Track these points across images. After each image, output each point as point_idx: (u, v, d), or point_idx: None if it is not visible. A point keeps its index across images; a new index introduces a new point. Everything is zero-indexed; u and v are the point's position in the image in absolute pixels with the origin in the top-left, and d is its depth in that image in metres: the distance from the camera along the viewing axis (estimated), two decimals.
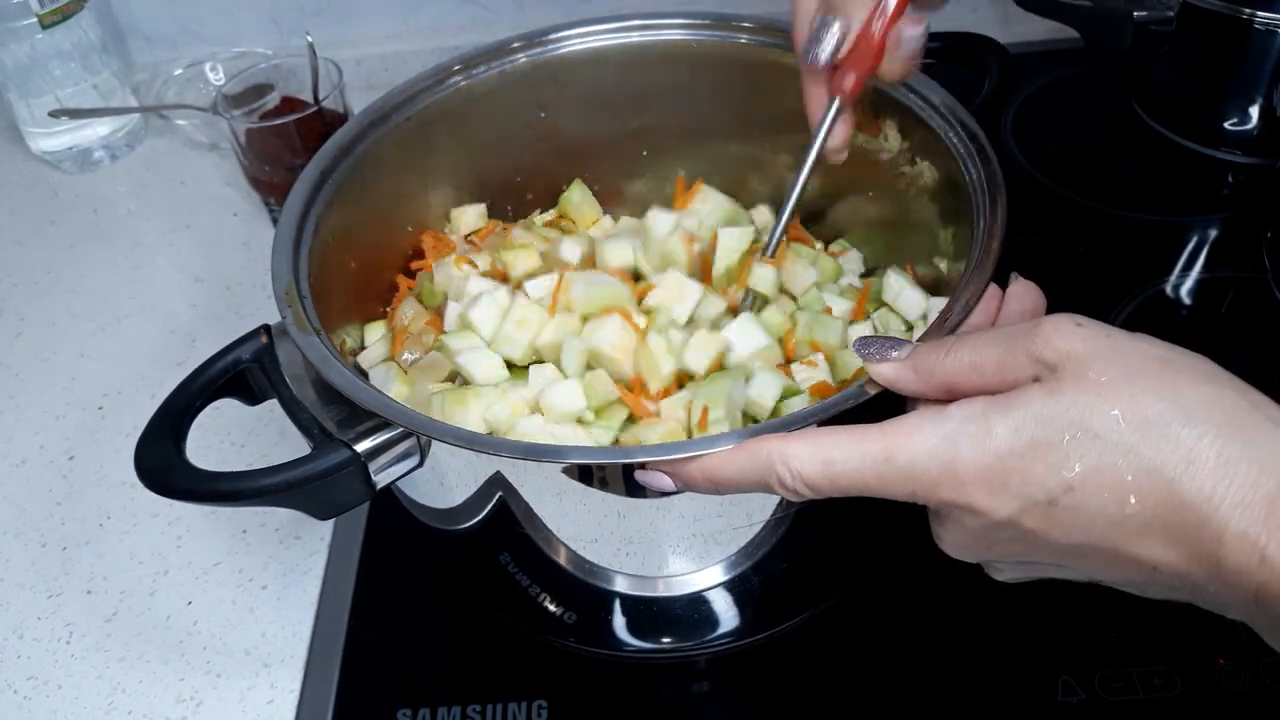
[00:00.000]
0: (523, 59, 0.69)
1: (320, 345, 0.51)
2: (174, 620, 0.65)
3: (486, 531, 0.55)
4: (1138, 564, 0.36)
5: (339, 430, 0.48)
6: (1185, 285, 0.80)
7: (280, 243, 0.56)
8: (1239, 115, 0.87)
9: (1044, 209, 0.87)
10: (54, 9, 0.92)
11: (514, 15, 1.08)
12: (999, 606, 0.59)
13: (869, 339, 0.43)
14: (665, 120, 0.73)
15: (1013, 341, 0.38)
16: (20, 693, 0.62)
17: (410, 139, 0.67)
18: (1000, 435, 0.37)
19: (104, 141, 1.02)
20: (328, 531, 0.69)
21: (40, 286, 0.91)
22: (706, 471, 0.43)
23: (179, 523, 0.71)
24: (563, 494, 0.49)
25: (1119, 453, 0.35)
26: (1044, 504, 0.36)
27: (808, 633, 0.61)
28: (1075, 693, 0.56)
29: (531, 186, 0.75)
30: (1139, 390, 0.35)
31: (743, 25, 0.68)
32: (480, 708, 0.59)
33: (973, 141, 0.57)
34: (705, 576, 0.55)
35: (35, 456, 0.76)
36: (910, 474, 0.38)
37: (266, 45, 1.06)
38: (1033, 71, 1.01)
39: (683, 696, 0.60)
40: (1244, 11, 0.81)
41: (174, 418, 0.51)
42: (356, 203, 0.63)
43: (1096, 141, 0.97)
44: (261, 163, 0.86)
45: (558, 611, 0.60)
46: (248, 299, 0.87)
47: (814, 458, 0.40)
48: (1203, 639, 0.57)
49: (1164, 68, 0.92)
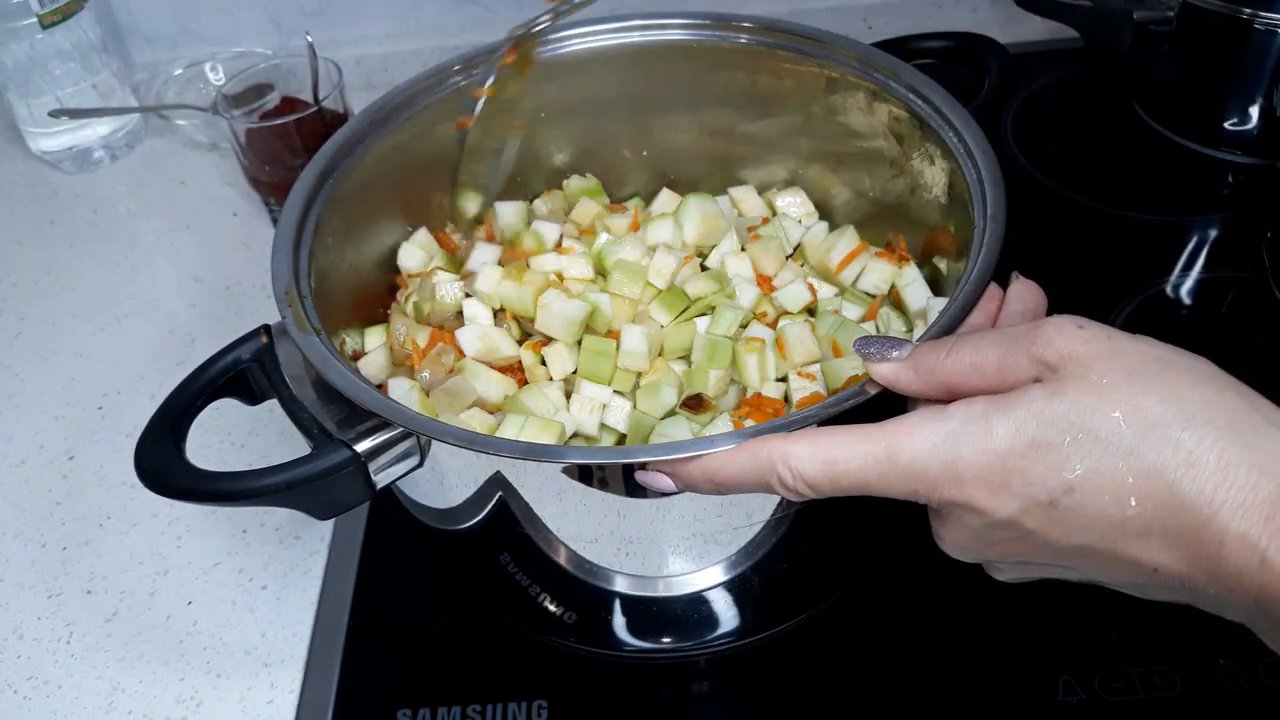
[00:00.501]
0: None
1: (320, 345, 0.51)
2: (174, 620, 0.65)
3: (487, 531, 0.55)
4: (1137, 566, 0.36)
5: (339, 430, 0.48)
6: (1185, 285, 0.80)
7: (280, 243, 0.56)
8: (1239, 115, 0.87)
9: (1044, 209, 0.87)
10: (54, 9, 0.92)
11: (514, 15, 1.07)
12: (999, 606, 0.59)
13: (869, 339, 0.43)
14: (666, 119, 0.73)
15: (1014, 342, 0.38)
16: (20, 693, 0.62)
17: (411, 139, 0.67)
18: (1001, 435, 0.37)
19: (104, 141, 1.02)
20: (328, 531, 0.69)
21: (40, 286, 0.91)
22: (707, 472, 0.43)
23: (179, 523, 0.71)
24: (563, 494, 0.49)
25: (1120, 454, 0.35)
26: (1045, 504, 0.36)
27: (808, 633, 0.61)
28: (1075, 693, 0.56)
29: (531, 186, 0.75)
30: (1140, 392, 0.35)
31: (743, 25, 0.68)
32: (480, 708, 0.59)
33: (972, 141, 0.57)
34: (705, 576, 0.55)
35: (35, 456, 0.76)
36: (911, 473, 0.38)
37: (266, 45, 1.06)
38: (1033, 71, 1.01)
39: (683, 696, 0.60)
40: (1244, 11, 0.81)
41: (174, 417, 0.51)
42: (357, 203, 0.63)
43: (1096, 141, 0.97)
44: (261, 163, 0.86)
45: (558, 611, 0.59)
46: (248, 299, 0.87)
47: (815, 457, 0.40)
48: (1203, 639, 0.57)
49: (1164, 68, 0.92)
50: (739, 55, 0.69)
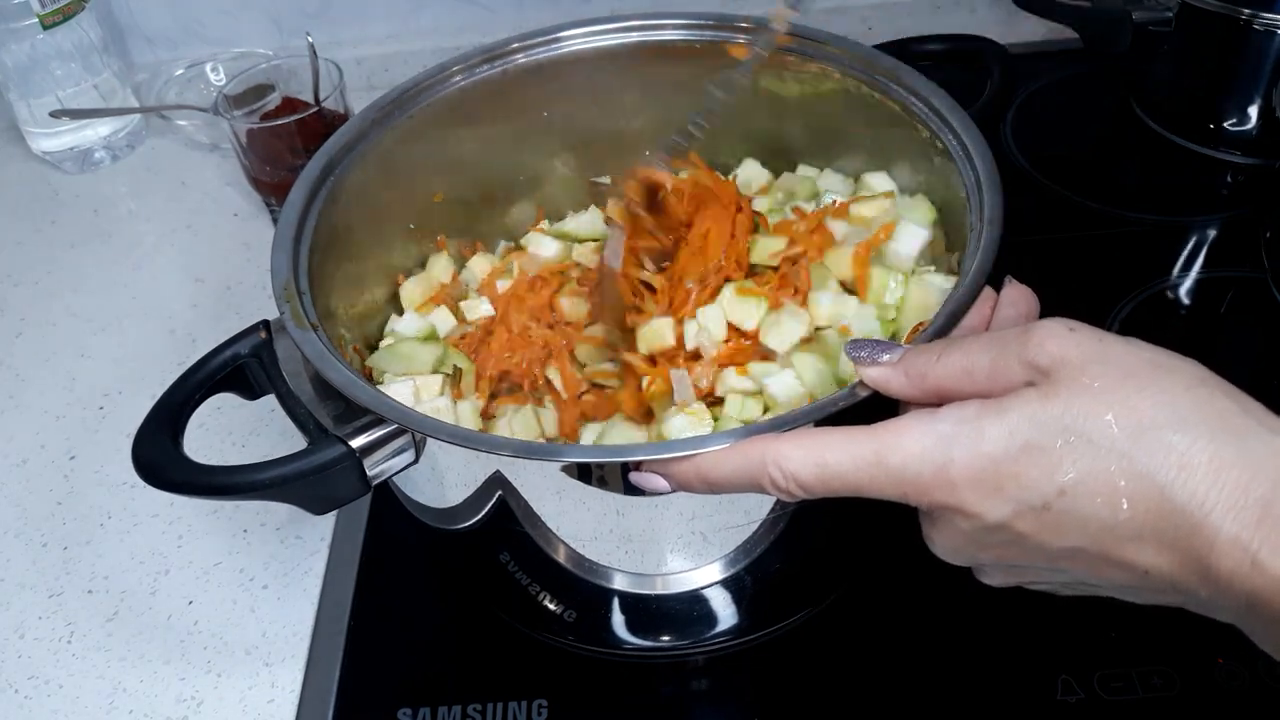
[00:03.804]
0: (523, 59, 0.69)
1: (317, 341, 0.51)
2: (175, 620, 0.65)
3: (487, 530, 0.55)
4: (1130, 568, 0.36)
5: (335, 426, 0.48)
6: (1184, 285, 0.80)
7: (280, 239, 0.56)
8: (1238, 115, 0.87)
9: (1044, 209, 0.87)
10: (55, 9, 0.93)
11: (514, 15, 1.08)
12: (999, 606, 0.59)
13: (860, 341, 0.43)
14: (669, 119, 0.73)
15: (1005, 346, 0.38)
16: (21, 692, 0.62)
17: (413, 137, 0.67)
18: (994, 438, 0.37)
19: (105, 142, 1.02)
20: (328, 531, 0.69)
21: (41, 286, 0.91)
22: (700, 472, 0.43)
23: (180, 522, 0.71)
24: (562, 492, 0.50)
25: (1112, 458, 0.35)
26: (1037, 508, 0.36)
27: (806, 632, 0.61)
28: (1075, 692, 0.56)
29: (533, 184, 0.75)
30: (1132, 395, 0.35)
31: (742, 25, 0.68)
32: (480, 707, 0.59)
33: (972, 145, 0.57)
34: (703, 574, 0.55)
35: (36, 456, 0.76)
36: (902, 476, 0.38)
37: (267, 46, 1.06)
38: (1033, 72, 1.01)
39: (682, 696, 0.60)
40: (1243, 12, 0.81)
41: (173, 411, 0.51)
42: (358, 200, 0.63)
43: (1096, 142, 0.97)
44: (262, 163, 0.86)
45: (558, 610, 0.60)
46: (248, 299, 0.87)
47: (806, 459, 0.40)
48: (1203, 639, 0.57)
49: (1163, 68, 0.92)
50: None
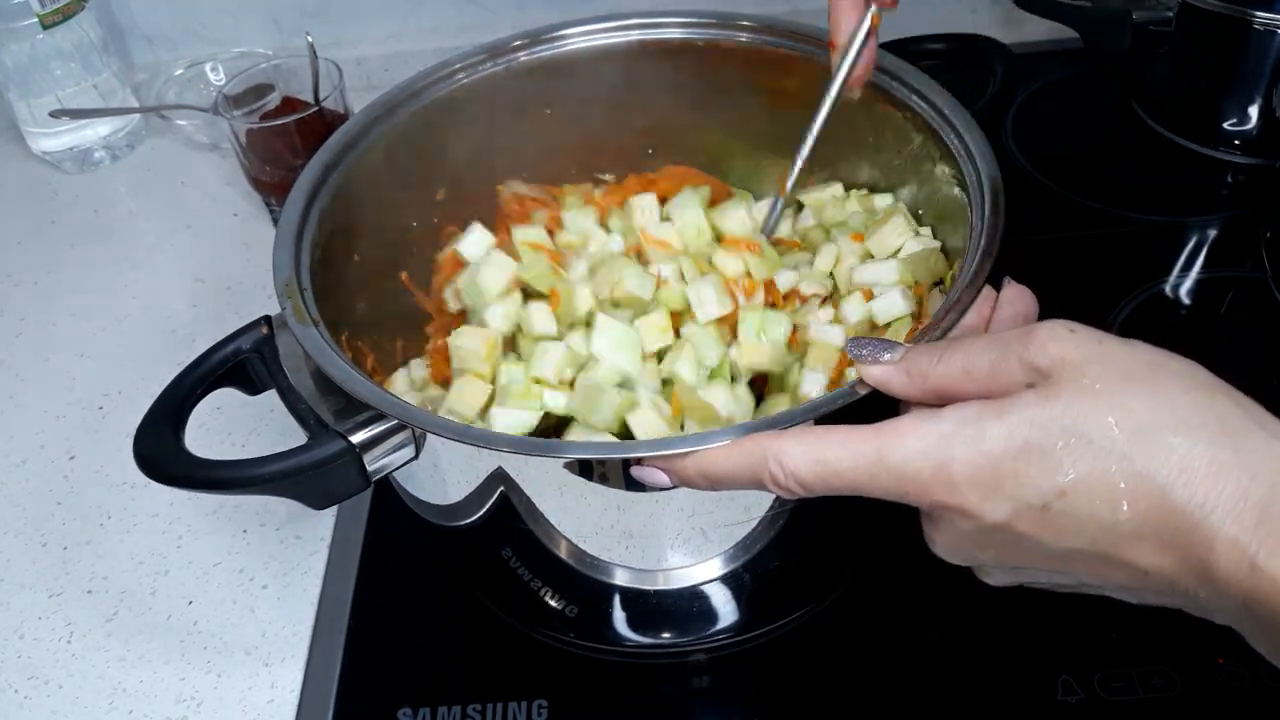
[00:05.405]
0: (525, 56, 0.69)
1: (318, 337, 0.51)
2: (174, 620, 0.65)
3: (488, 526, 0.55)
4: (1129, 569, 0.36)
5: (335, 421, 0.48)
6: (1185, 285, 0.80)
7: (282, 235, 0.56)
8: (1238, 115, 0.88)
9: (1044, 209, 0.87)
10: (55, 9, 0.92)
11: (514, 15, 1.08)
12: (999, 606, 0.59)
13: (861, 340, 0.43)
14: (670, 118, 0.73)
15: (1006, 347, 0.38)
16: (21, 692, 0.62)
17: (414, 135, 0.67)
18: (994, 438, 0.37)
19: (104, 142, 1.02)
20: (328, 531, 0.69)
21: (41, 286, 0.91)
22: (701, 468, 0.43)
23: (179, 522, 0.71)
24: (563, 488, 0.50)
25: (1112, 459, 0.35)
26: (1037, 508, 0.36)
27: (807, 630, 0.61)
28: (1075, 692, 0.56)
29: (536, 182, 0.75)
30: (1132, 396, 0.36)
31: (742, 25, 0.68)
32: (480, 707, 0.59)
33: (974, 145, 0.57)
34: (704, 570, 0.55)
35: (36, 456, 0.76)
36: (902, 475, 0.38)
37: (267, 46, 1.06)
38: (1033, 72, 1.01)
39: (683, 695, 0.60)
40: (1244, 11, 0.81)
41: (175, 405, 0.52)
42: (359, 198, 0.63)
43: (1096, 141, 0.97)
44: (262, 163, 0.86)
45: (559, 606, 0.60)
46: (248, 299, 0.87)
47: (806, 456, 0.40)
48: (1203, 639, 0.56)
49: (1164, 68, 0.92)
50: (739, 55, 0.69)
